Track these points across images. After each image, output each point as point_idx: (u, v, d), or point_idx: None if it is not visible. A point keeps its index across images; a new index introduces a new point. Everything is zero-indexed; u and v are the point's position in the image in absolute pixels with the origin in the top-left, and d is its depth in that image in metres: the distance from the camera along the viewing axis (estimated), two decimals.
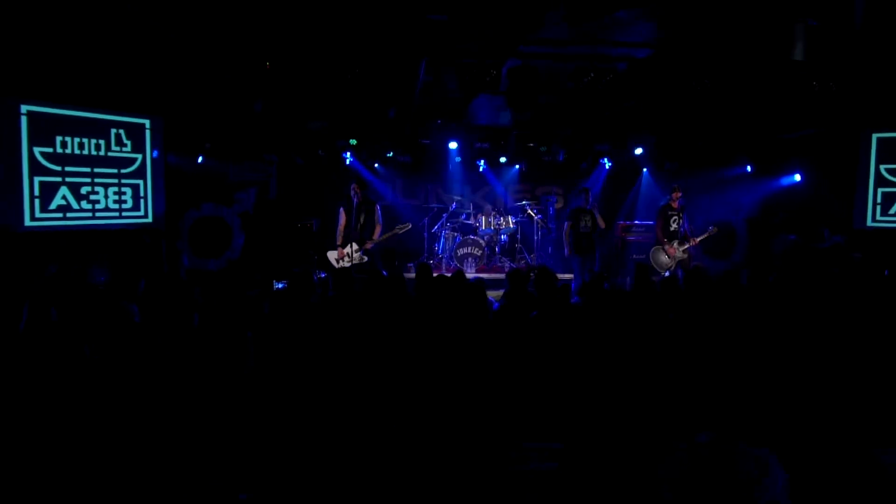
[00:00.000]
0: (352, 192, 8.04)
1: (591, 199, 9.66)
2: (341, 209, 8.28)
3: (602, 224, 9.25)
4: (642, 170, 12.32)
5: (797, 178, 10.60)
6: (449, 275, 5.65)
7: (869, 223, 8.67)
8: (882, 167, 8.52)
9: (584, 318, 4.11)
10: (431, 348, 3.40)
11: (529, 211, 11.67)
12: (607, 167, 12.23)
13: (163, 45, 6.66)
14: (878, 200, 8.59)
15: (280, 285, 7.69)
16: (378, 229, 8.09)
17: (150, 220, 8.34)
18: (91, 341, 3.43)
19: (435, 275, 5.64)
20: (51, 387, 2.76)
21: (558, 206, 13.18)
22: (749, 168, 11.20)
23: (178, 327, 3.96)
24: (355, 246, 8.06)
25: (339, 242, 8.18)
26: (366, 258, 8.19)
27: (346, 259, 8.05)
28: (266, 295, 5.56)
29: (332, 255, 8.23)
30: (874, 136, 8.52)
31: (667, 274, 9.19)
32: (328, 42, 6.24)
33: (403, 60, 6.03)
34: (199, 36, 6.43)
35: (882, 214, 8.57)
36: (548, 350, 3.55)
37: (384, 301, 4.69)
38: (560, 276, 6.91)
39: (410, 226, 9.57)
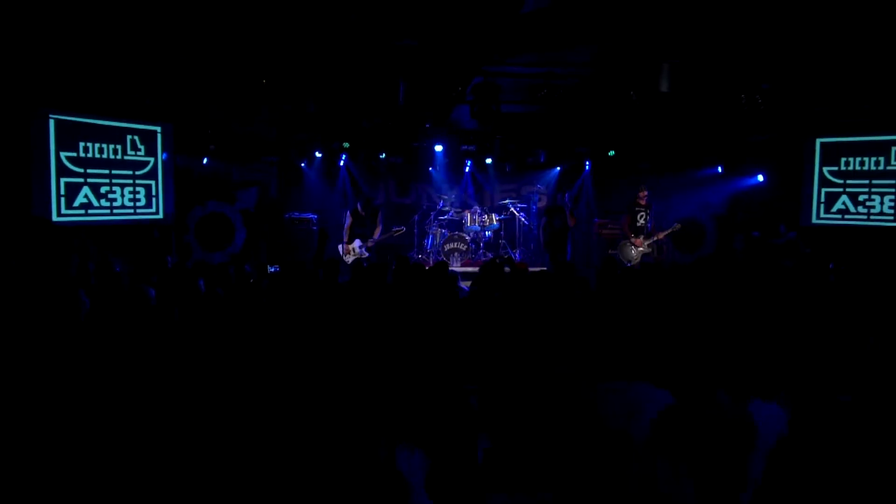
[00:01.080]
0: (359, 206, 9.36)
1: (566, 199, 10.45)
2: (349, 212, 9.50)
3: (572, 222, 9.96)
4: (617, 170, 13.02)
5: (760, 178, 11.17)
6: (427, 266, 6.50)
7: (814, 220, 9.33)
8: (825, 169, 9.21)
9: (541, 300, 4.90)
10: (404, 325, 4.14)
11: (512, 209, 12.20)
12: (587, 168, 12.82)
13: (172, 62, 7.35)
14: (822, 199, 9.27)
15: (273, 269, 8.47)
16: (378, 230, 9.37)
17: (161, 216, 8.90)
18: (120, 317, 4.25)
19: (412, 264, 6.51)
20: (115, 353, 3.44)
21: (541, 204, 13.78)
22: (720, 169, 11.71)
23: (184, 308, 4.78)
24: (359, 242, 9.23)
25: (345, 240, 9.33)
26: (367, 254, 9.28)
27: (351, 253, 9.15)
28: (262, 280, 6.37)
29: (340, 248, 9.36)
30: (818, 141, 9.20)
31: (628, 265, 9.93)
32: (319, 59, 6.99)
33: (383, 76, 6.77)
34: (205, 54, 7.14)
35: (825, 212, 9.24)
36: (505, 324, 4.32)
37: (367, 286, 5.50)
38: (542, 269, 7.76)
39: (405, 229, 10.63)
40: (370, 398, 2.70)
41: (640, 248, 9.94)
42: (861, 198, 8.93)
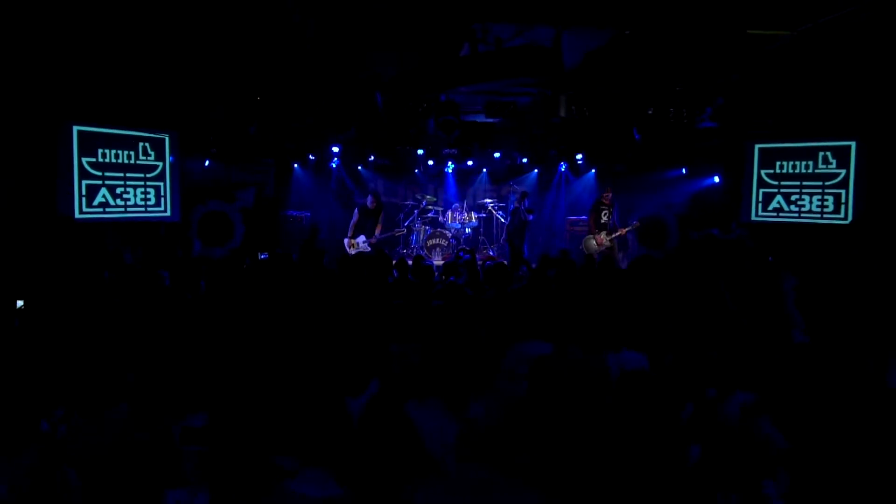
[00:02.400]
0: (369, 201, 10.19)
1: (525, 201, 11.47)
2: (357, 209, 10.38)
3: (525, 220, 11.01)
4: (590, 171, 13.64)
5: (716, 179, 11.94)
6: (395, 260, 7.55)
7: (753, 217, 10.19)
8: (762, 172, 10.08)
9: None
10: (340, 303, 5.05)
11: (490, 208, 13.09)
12: (562, 170, 13.63)
13: (178, 81, 8.22)
14: (760, 199, 10.13)
15: (263, 256, 9.33)
16: (379, 228, 10.31)
17: (168, 213, 9.54)
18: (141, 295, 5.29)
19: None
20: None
21: (518, 203, 14.72)
22: (684, 171, 12.46)
23: (190, 290, 5.80)
24: (363, 238, 10.18)
25: (349, 235, 10.27)
26: (369, 249, 10.10)
27: (355, 248, 10.04)
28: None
29: (346, 242, 10.27)
30: (756, 147, 10.13)
31: (597, 257, 10.83)
32: (306, 75, 7.93)
33: (363, 92, 7.74)
34: (206, 75, 8.04)
35: (763, 210, 10.11)
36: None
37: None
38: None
39: (406, 230, 11.58)
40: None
41: (602, 243, 10.82)
42: (793, 197, 9.84)
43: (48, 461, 2.43)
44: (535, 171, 13.93)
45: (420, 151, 12.26)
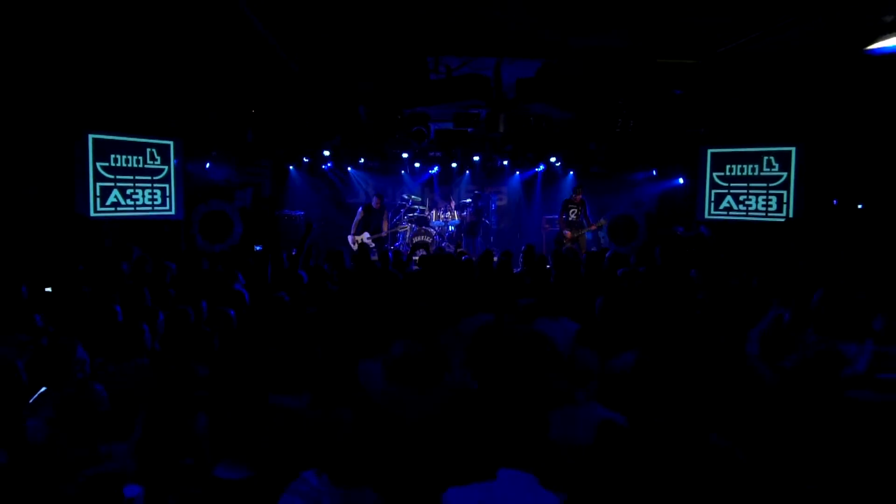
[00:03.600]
0: (374, 201, 11.13)
1: (478, 202, 12.49)
2: (361, 208, 11.28)
3: (476, 218, 12.03)
4: (569, 173, 14.73)
5: (681, 181, 12.81)
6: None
7: (706, 216, 11.04)
8: (714, 174, 10.98)
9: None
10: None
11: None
12: (539, 171, 14.44)
13: (181, 92, 9.05)
14: (712, 199, 10.99)
15: (258, 248, 10.12)
16: (386, 224, 11.30)
17: (173, 212, 10.27)
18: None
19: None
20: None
21: (500, 203, 15.56)
22: (654, 172, 13.28)
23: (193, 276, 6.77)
24: (367, 234, 11.06)
25: (353, 231, 11.14)
26: (373, 244, 10.99)
27: (359, 243, 10.83)
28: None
29: (350, 238, 11.14)
30: (709, 151, 11.05)
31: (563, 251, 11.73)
32: (294, 91, 8.85)
33: (346, 105, 8.68)
34: (207, 88, 8.94)
35: (714, 209, 10.98)
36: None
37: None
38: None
39: (408, 227, 12.40)
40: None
41: (568, 239, 11.75)
42: (742, 198, 10.74)
43: (84, 389, 3.37)
44: (517, 173, 14.80)
45: (405, 155, 13.04)
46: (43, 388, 3.28)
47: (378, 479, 2.25)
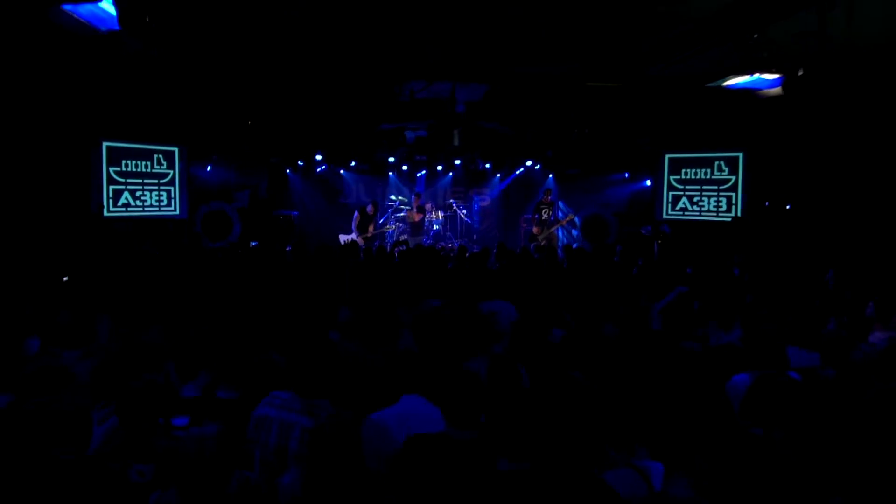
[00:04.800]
0: (368, 208, 12.15)
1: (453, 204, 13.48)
2: (357, 212, 12.29)
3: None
4: (548, 175, 15.71)
5: (648, 182, 13.64)
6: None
7: (664, 216, 11.97)
8: (671, 177, 11.96)
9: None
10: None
11: (455, 207, 14.81)
12: (518, 174, 15.22)
13: (185, 105, 10.01)
14: (669, 200, 11.96)
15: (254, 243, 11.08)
16: (372, 227, 12.32)
17: (178, 212, 11.16)
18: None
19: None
20: None
21: (484, 203, 16.46)
22: (627, 175, 14.11)
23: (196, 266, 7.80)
24: (355, 234, 12.09)
25: (353, 229, 12.14)
26: (363, 243, 11.87)
27: (349, 241, 11.59)
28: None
29: (342, 237, 12.01)
30: (666, 156, 11.99)
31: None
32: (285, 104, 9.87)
33: (331, 116, 9.72)
34: (208, 102, 9.96)
35: (672, 210, 11.95)
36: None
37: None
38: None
39: (393, 227, 13.25)
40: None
41: (538, 235, 12.73)
42: (695, 199, 11.75)
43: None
44: (497, 175, 15.75)
45: (392, 159, 13.92)
46: None
47: (332, 396, 3.29)
